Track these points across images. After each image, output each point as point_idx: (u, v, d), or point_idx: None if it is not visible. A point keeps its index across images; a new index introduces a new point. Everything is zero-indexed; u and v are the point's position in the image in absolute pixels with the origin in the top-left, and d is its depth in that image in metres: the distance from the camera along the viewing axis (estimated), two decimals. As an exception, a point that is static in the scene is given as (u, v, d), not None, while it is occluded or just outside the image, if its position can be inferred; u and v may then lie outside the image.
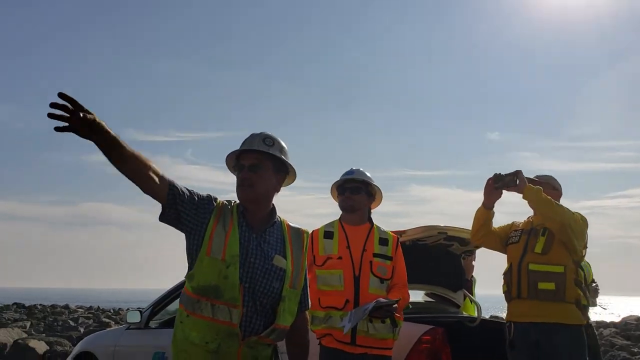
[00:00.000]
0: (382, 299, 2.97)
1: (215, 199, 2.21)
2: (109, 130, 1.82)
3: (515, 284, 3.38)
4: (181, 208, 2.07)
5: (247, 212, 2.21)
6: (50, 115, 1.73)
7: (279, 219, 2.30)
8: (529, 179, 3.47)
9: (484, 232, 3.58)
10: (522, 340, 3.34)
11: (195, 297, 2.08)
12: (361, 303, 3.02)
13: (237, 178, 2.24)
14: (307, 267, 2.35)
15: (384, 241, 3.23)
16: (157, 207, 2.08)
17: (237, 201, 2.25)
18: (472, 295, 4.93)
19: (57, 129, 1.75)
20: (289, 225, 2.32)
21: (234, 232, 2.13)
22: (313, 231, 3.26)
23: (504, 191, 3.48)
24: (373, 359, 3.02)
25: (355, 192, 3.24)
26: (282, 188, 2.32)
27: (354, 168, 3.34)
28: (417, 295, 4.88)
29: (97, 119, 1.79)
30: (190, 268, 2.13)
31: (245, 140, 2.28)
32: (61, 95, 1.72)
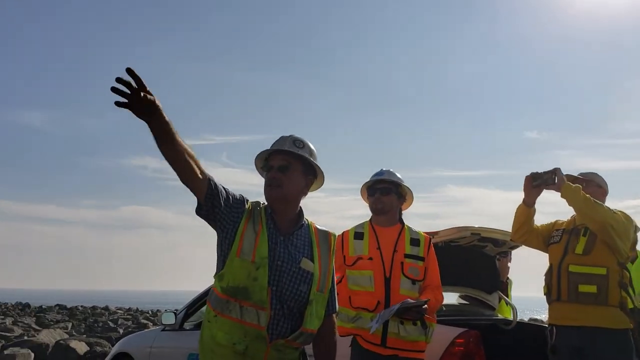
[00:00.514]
0: (410, 300, 2.93)
1: (247, 200, 2.22)
2: (164, 115, 1.87)
3: (555, 286, 3.25)
4: (217, 204, 2.08)
5: (275, 214, 2.21)
6: (113, 89, 1.76)
7: (306, 222, 2.29)
8: (572, 176, 3.35)
9: (525, 230, 3.45)
10: (563, 344, 3.19)
11: (224, 297, 2.08)
12: (392, 304, 2.97)
13: (266, 178, 2.25)
14: (336, 268, 2.32)
15: (415, 242, 3.18)
16: (193, 209, 2.09)
17: (265, 203, 2.25)
18: (507, 297, 4.81)
19: (117, 103, 1.78)
20: (316, 228, 2.31)
21: (263, 234, 2.13)
22: (344, 232, 3.25)
23: (545, 190, 3.36)
24: None
25: (385, 193, 3.21)
26: (310, 192, 2.31)
27: (384, 169, 3.30)
28: (451, 298, 4.80)
29: (157, 102, 1.83)
30: (220, 268, 2.13)
31: (275, 142, 2.28)
32: (129, 71, 1.76)
